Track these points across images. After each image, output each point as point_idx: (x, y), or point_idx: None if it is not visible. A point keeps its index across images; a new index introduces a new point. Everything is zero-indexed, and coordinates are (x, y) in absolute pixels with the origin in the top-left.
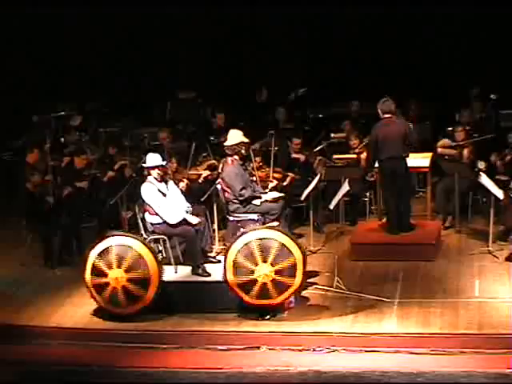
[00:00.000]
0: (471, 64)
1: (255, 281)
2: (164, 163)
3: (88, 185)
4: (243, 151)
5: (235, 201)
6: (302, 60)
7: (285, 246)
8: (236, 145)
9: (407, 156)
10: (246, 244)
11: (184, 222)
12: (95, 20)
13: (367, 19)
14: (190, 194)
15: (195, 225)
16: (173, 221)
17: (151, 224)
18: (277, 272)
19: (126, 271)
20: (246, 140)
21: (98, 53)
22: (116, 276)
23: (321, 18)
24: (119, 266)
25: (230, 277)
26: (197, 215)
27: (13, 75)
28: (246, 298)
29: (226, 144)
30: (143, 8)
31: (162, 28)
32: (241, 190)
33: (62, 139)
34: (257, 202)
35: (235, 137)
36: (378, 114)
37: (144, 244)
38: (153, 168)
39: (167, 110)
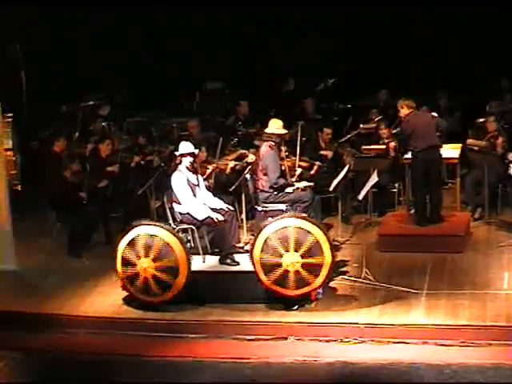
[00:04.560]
0: (502, 55)
1: (280, 265)
2: (196, 151)
3: (118, 170)
4: (275, 141)
5: (269, 189)
6: (331, 50)
7: (319, 244)
8: (274, 134)
9: (441, 146)
10: (284, 227)
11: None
12: (124, 10)
13: (396, 9)
14: (217, 185)
15: (219, 221)
16: (199, 216)
17: (179, 214)
18: (303, 265)
19: (154, 260)
20: (281, 132)
21: (126, 43)
22: (144, 266)
23: (349, 7)
24: (147, 256)
25: (257, 252)
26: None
27: (42, 65)
28: (263, 277)
29: (266, 131)
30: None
31: (192, 19)
32: (278, 178)
33: (91, 128)
34: (289, 189)
35: (276, 126)
36: (400, 113)
37: (169, 231)
38: (185, 155)
39: (195, 100)
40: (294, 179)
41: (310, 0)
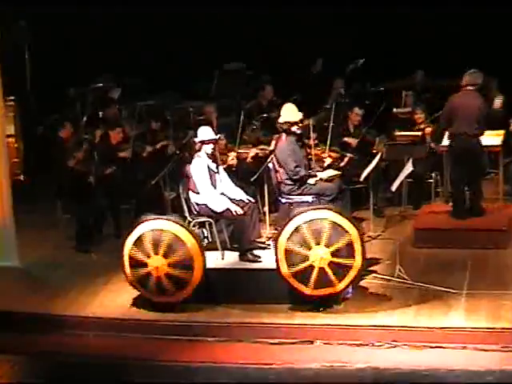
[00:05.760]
0: None
1: (311, 267)
2: (217, 137)
3: (130, 155)
4: (295, 129)
5: (288, 182)
6: (363, 30)
7: (337, 225)
8: (289, 123)
9: (482, 134)
10: (295, 229)
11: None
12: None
13: None
14: (238, 175)
15: (238, 214)
16: (217, 208)
17: (196, 204)
18: (333, 254)
19: (165, 256)
20: (297, 119)
21: (139, 24)
22: (156, 264)
23: None
24: (157, 253)
25: (284, 269)
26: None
27: (51, 47)
28: (306, 290)
29: (279, 120)
30: None
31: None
32: (295, 167)
33: (101, 113)
34: (311, 180)
35: (288, 113)
36: (459, 85)
37: (177, 223)
38: (207, 142)
39: (213, 82)
40: (320, 169)
41: None
